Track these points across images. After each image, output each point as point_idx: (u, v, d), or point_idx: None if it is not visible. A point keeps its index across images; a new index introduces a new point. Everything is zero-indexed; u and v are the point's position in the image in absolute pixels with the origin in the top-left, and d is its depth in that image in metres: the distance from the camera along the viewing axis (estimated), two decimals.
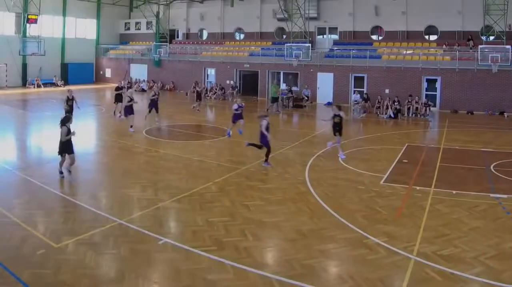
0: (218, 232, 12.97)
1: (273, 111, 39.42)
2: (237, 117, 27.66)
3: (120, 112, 32.55)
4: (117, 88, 34.91)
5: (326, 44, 55.85)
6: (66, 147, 17.92)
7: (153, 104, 30.78)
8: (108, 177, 19.16)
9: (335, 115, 22.94)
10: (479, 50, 41.61)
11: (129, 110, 28.64)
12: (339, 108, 23.20)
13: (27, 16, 54.19)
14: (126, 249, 11.73)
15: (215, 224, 13.57)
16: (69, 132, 17.97)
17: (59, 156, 17.94)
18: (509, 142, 26.74)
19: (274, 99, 41.05)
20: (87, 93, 54.07)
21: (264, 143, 20.68)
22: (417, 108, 40.71)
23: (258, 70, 54.06)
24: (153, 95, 31.10)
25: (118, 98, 33.79)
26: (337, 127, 23.00)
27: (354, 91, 47.32)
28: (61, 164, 18.05)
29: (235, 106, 27.83)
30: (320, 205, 15.68)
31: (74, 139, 18.31)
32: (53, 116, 31.03)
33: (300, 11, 50.77)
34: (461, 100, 42.65)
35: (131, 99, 28.43)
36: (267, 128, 20.39)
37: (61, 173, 18.07)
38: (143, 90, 57.92)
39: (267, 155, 20.77)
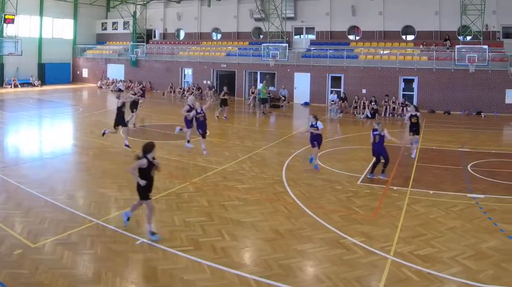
0: (195, 232, 12.99)
1: (265, 112, 39.53)
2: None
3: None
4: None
5: (303, 44, 56.04)
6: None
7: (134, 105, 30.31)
8: (86, 177, 19.04)
9: (412, 116, 23.26)
10: (456, 50, 41.93)
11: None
12: (416, 109, 23.55)
13: (4, 16, 53.76)
14: (103, 249, 11.73)
15: (192, 224, 13.60)
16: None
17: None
18: (486, 142, 26.86)
19: (264, 100, 41.09)
20: (64, 94, 54.04)
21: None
22: (394, 108, 41.07)
23: (235, 70, 54.11)
24: (134, 94, 30.66)
25: (134, 105, 31.77)
26: (414, 128, 23.29)
27: (331, 91, 47.39)
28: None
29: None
30: (297, 205, 15.74)
31: (50, 140, 18.15)
32: (29, 116, 30.92)
33: (277, 11, 50.86)
34: (438, 100, 42.87)
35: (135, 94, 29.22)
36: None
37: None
38: (119, 90, 57.02)
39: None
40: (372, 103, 40.28)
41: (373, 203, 16.25)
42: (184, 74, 59.09)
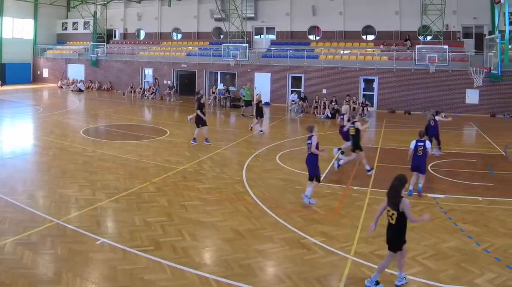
0: (156, 232, 12.98)
1: (248, 115, 39.19)
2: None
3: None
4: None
5: (264, 44, 56.27)
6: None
7: None
8: (46, 177, 18.86)
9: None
10: (416, 50, 42.32)
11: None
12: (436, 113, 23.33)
13: None
14: (63, 249, 11.65)
15: (152, 224, 13.58)
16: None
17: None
18: (447, 143, 26.78)
19: (248, 103, 40.72)
20: (25, 93, 53.72)
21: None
22: (354, 108, 40.60)
23: (195, 70, 54.06)
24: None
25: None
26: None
27: (292, 91, 47.55)
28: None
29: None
30: (257, 205, 15.77)
31: (11, 140, 17.94)
32: None
33: (237, 11, 51.04)
34: (398, 100, 43.17)
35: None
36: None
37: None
38: (80, 90, 57.73)
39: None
40: (333, 103, 40.41)
41: (333, 203, 16.31)
42: (145, 74, 58.92)
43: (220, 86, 50.98)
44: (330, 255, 11.79)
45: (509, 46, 36.61)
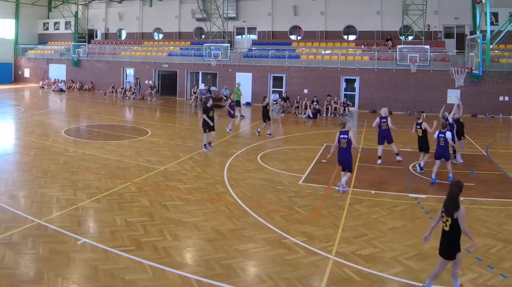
0: (137, 232, 12.93)
1: (238, 115, 38.85)
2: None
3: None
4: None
5: (245, 44, 56.35)
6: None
7: None
8: (27, 177, 18.76)
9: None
10: (397, 50, 42.43)
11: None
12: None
13: None
14: (45, 249, 11.60)
15: (133, 224, 13.54)
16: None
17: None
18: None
19: (238, 103, 40.02)
20: (6, 93, 53.57)
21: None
22: (335, 108, 41.26)
23: (177, 70, 54.13)
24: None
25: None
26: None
27: (273, 91, 47.66)
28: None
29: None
30: (239, 205, 15.74)
31: None
32: None
33: (219, 11, 51.05)
34: (379, 100, 43.04)
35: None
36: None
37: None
38: (61, 90, 57.71)
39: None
40: (314, 103, 40.47)
41: (314, 203, 16.29)
42: (126, 74, 58.87)
43: (202, 86, 50.96)
44: (311, 255, 11.76)
45: (491, 46, 36.87)
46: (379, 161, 22.23)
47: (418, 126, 20.75)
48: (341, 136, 17.58)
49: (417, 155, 22.42)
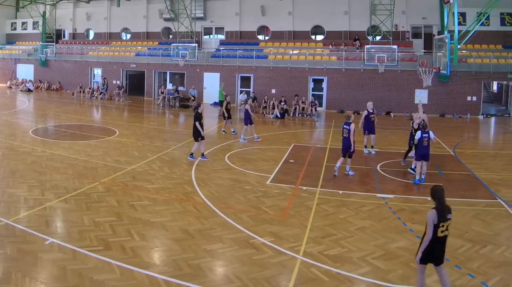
0: (105, 232, 12.90)
1: (220, 115, 38.62)
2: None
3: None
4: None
5: (213, 44, 56.43)
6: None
7: None
8: None
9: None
10: (365, 50, 42.71)
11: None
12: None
13: None
14: (12, 249, 11.54)
15: (101, 224, 13.49)
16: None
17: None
18: (396, 143, 27.28)
19: (221, 103, 39.85)
20: None
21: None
22: (303, 108, 41.39)
23: (144, 70, 54.07)
24: None
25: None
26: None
27: (241, 91, 47.54)
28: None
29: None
30: (206, 205, 15.75)
31: None
32: None
33: (186, 11, 51.09)
34: (347, 100, 43.49)
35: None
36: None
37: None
38: (29, 90, 57.46)
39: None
40: (282, 103, 40.49)
41: (282, 203, 16.32)
42: (94, 74, 58.69)
43: (169, 86, 51.02)
44: (279, 255, 11.80)
45: (458, 46, 37.17)
46: (367, 151, 24.17)
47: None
48: (344, 127, 19.63)
49: (385, 154, 23.02)
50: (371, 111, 24.79)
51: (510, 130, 37.47)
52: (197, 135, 22.58)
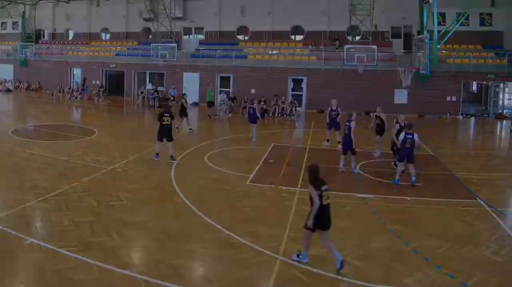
0: (84, 232, 12.81)
1: (211, 116, 39.22)
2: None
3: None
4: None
5: (192, 44, 56.28)
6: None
7: None
8: None
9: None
10: (345, 50, 42.76)
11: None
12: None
13: None
14: None
15: (81, 224, 13.40)
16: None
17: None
18: (375, 143, 26.73)
19: (210, 104, 40.64)
20: None
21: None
22: (283, 108, 41.48)
23: (124, 70, 53.99)
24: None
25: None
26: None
27: (220, 91, 47.61)
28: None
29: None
30: (186, 205, 15.72)
31: None
32: None
33: (166, 11, 51.21)
34: (327, 100, 41.57)
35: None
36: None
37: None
38: (8, 90, 57.35)
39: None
40: (261, 103, 40.06)
41: (262, 203, 16.41)
42: (73, 74, 58.50)
43: (149, 86, 51.10)
44: (258, 255, 11.80)
45: (438, 46, 37.51)
46: (327, 143, 25.79)
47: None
48: (345, 123, 20.18)
49: (365, 155, 23.19)
50: (334, 108, 26.89)
51: (489, 130, 37.72)
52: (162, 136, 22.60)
